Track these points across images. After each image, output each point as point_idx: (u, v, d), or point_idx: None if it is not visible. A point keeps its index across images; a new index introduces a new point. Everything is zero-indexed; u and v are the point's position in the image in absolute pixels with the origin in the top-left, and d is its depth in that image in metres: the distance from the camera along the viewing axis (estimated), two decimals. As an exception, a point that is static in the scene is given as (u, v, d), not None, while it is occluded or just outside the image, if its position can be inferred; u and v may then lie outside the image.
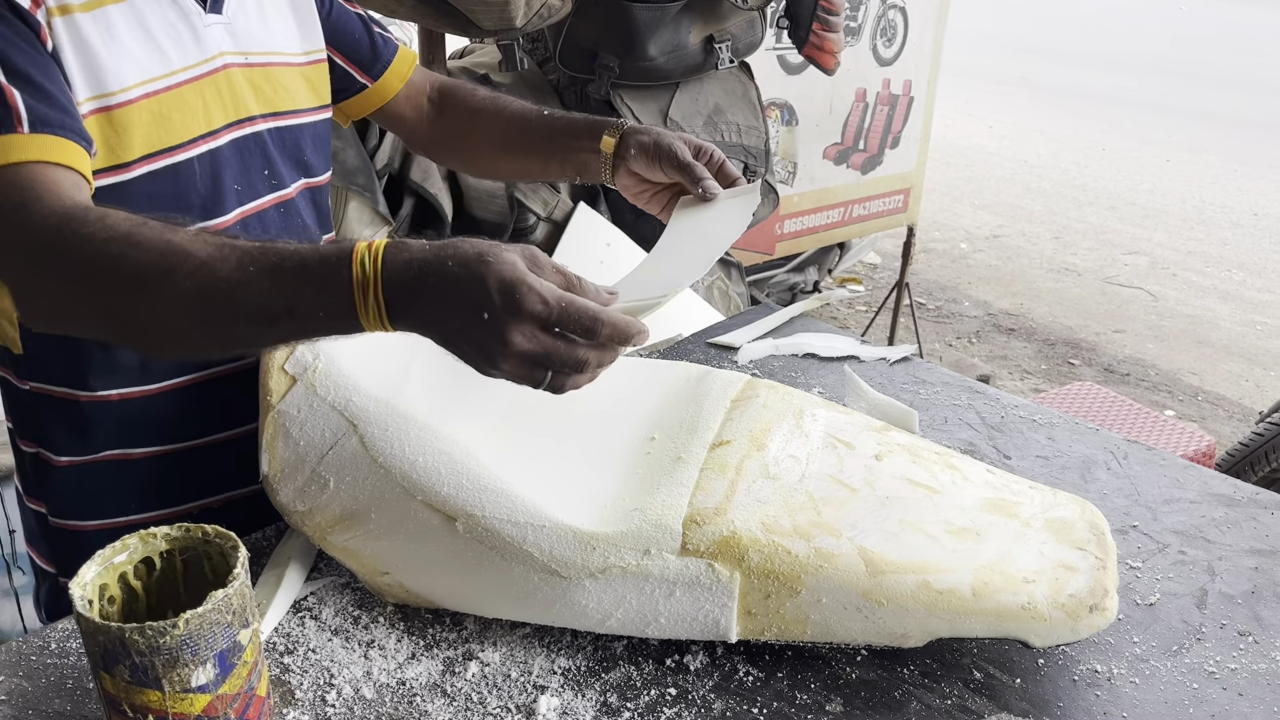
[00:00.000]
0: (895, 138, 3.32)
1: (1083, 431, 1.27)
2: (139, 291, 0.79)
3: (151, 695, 0.73)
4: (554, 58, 2.04)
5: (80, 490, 1.06)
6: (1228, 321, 4.41)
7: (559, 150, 1.18)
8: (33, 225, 0.81)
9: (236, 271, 0.76)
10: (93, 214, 0.81)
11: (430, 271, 0.74)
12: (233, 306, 0.77)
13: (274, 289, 0.76)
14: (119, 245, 0.78)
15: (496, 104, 1.27)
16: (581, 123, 1.17)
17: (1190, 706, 0.85)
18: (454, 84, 1.32)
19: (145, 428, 1.06)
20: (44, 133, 0.85)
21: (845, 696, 0.86)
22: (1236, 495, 1.14)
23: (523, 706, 0.85)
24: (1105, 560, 0.91)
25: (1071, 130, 7.51)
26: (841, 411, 1.09)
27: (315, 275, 0.75)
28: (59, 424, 1.05)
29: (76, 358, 1.01)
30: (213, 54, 1.01)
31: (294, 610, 0.95)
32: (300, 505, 0.96)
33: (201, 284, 0.76)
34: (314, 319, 0.77)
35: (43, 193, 0.82)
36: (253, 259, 0.76)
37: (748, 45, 2.15)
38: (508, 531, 0.90)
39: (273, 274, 0.76)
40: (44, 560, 1.13)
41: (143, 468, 1.07)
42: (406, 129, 1.32)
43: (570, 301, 0.74)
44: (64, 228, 0.80)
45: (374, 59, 1.24)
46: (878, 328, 3.94)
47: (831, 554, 0.88)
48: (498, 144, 1.26)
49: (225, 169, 1.03)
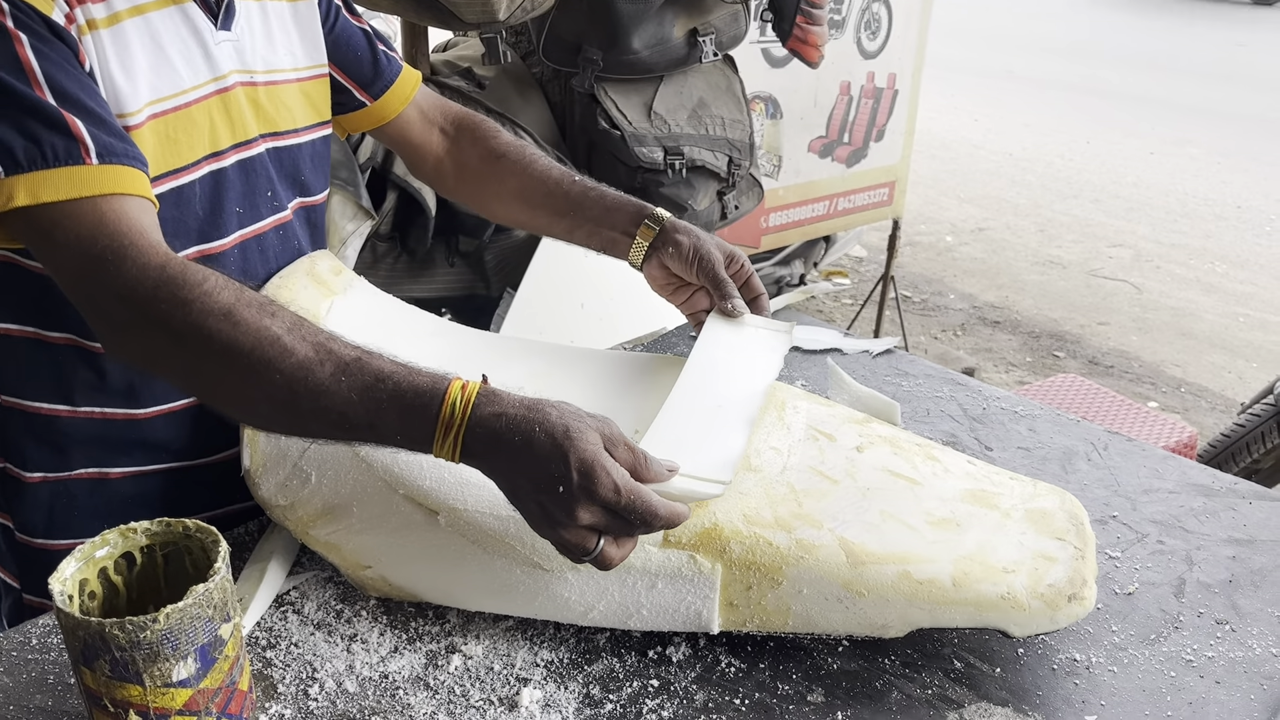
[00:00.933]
0: (880, 131, 3.32)
1: (1063, 423, 1.28)
2: (230, 371, 0.81)
3: (132, 690, 0.73)
4: (537, 51, 2.04)
5: (50, 508, 1.04)
6: (1211, 314, 4.43)
7: (588, 223, 1.17)
8: (130, 279, 0.81)
9: (330, 380, 0.79)
10: (191, 276, 0.81)
11: (516, 431, 0.78)
12: (318, 409, 0.80)
13: (361, 404, 0.79)
14: (217, 322, 0.80)
15: (522, 155, 1.23)
16: (616, 202, 1.16)
17: (1168, 694, 0.86)
18: (472, 121, 1.28)
19: (127, 448, 1.03)
20: (112, 162, 0.84)
21: (827, 687, 0.87)
22: (1215, 485, 1.15)
23: (505, 699, 0.85)
24: (1084, 550, 0.92)
25: (1056, 123, 7.52)
26: (823, 404, 1.10)
27: (404, 402, 0.79)
28: (32, 439, 1.02)
29: (62, 376, 0.99)
30: (223, 72, 0.99)
31: (276, 604, 0.95)
32: (282, 500, 0.96)
33: (292, 382, 0.79)
34: (390, 438, 0.80)
35: (136, 239, 0.82)
36: (348, 371, 0.79)
37: (732, 38, 2.15)
38: (490, 525, 0.90)
39: (365, 391, 0.79)
40: (8, 575, 1.10)
41: (119, 487, 1.04)
42: (410, 153, 1.29)
43: (637, 494, 0.78)
44: (162, 288, 0.81)
45: (375, 77, 1.21)
46: (863, 321, 3.95)
47: (813, 545, 0.88)
48: (520, 197, 1.23)
49: (228, 191, 1.01)
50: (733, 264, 1.12)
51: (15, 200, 0.81)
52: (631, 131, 1.97)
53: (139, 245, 0.82)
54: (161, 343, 0.82)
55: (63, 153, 0.82)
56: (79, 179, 0.82)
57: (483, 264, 2.08)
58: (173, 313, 0.80)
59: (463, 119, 1.28)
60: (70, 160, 0.82)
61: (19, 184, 0.81)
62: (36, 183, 0.81)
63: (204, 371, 0.83)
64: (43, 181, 0.82)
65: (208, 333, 0.80)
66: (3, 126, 0.81)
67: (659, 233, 1.13)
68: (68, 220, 0.82)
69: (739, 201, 2.19)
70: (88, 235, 0.82)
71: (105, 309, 0.83)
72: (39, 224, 0.83)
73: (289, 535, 1.00)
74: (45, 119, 0.82)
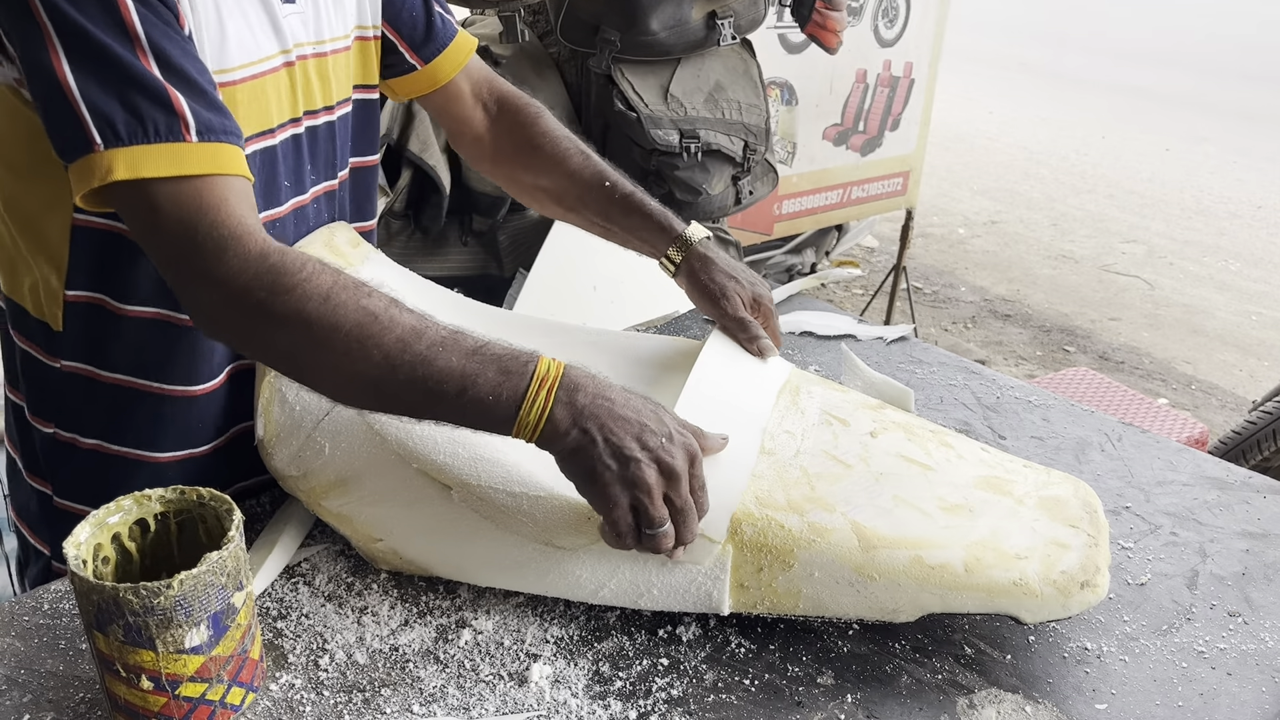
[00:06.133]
0: (895, 120, 3.30)
1: (1077, 413, 1.27)
2: (329, 351, 0.82)
3: (145, 655, 0.73)
4: (555, 31, 2.03)
5: (101, 477, 1.02)
6: (1223, 311, 4.41)
7: (618, 232, 1.20)
8: (232, 269, 0.81)
9: (428, 350, 0.82)
10: (290, 264, 0.82)
11: (610, 387, 0.85)
12: (414, 380, 0.82)
13: (460, 370, 0.82)
14: (318, 305, 0.82)
15: (557, 150, 1.22)
16: (644, 219, 1.17)
17: (1179, 685, 0.86)
18: (516, 103, 1.25)
19: (179, 427, 1.02)
20: (211, 140, 0.83)
21: (836, 669, 0.86)
22: (1229, 479, 1.15)
23: (515, 674, 0.85)
24: (1097, 538, 0.91)
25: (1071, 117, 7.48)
26: (837, 389, 1.09)
27: (503, 364, 0.83)
28: (91, 408, 1.00)
29: (137, 349, 0.98)
30: (289, 45, 0.98)
31: (287, 575, 0.95)
32: (295, 470, 0.96)
33: (391, 356, 0.82)
34: (477, 403, 0.82)
35: (236, 227, 0.82)
36: (445, 344, 0.83)
37: (750, 22, 2.13)
38: (503, 501, 0.90)
39: (465, 357, 0.82)
40: (39, 541, 1.09)
41: (163, 469, 1.03)
42: (453, 125, 1.26)
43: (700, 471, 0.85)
44: (264, 277, 0.81)
45: (427, 39, 1.17)
46: (874, 311, 3.94)
47: (825, 528, 0.88)
48: (552, 196, 1.23)
49: (280, 164, 1.00)
50: (757, 306, 1.13)
51: (114, 174, 0.80)
52: (648, 114, 1.96)
53: (239, 233, 0.82)
54: (260, 327, 0.83)
55: (164, 128, 0.81)
56: (179, 157, 0.81)
57: (496, 244, 2.08)
58: (273, 300, 0.81)
59: (506, 99, 1.25)
60: (171, 137, 0.81)
61: (118, 157, 0.80)
62: (136, 158, 0.80)
63: (301, 353, 0.84)
64: (143, 157, 0.80)
65: (308, 317, 0.81)
66: (104, 96, 0.80)
67: (681, 262, 1.15)
68: (168, 202, 0.81)
69: (753, 187, 2.18)
70: (189, 220, 0.81)
71: (203, 295, 0.83)
72: (138, 201, 0.82)
73: (303, 509, 1.00)
74: (148, 91, 0.81)
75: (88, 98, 0.79)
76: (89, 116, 0.79)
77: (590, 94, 2.04)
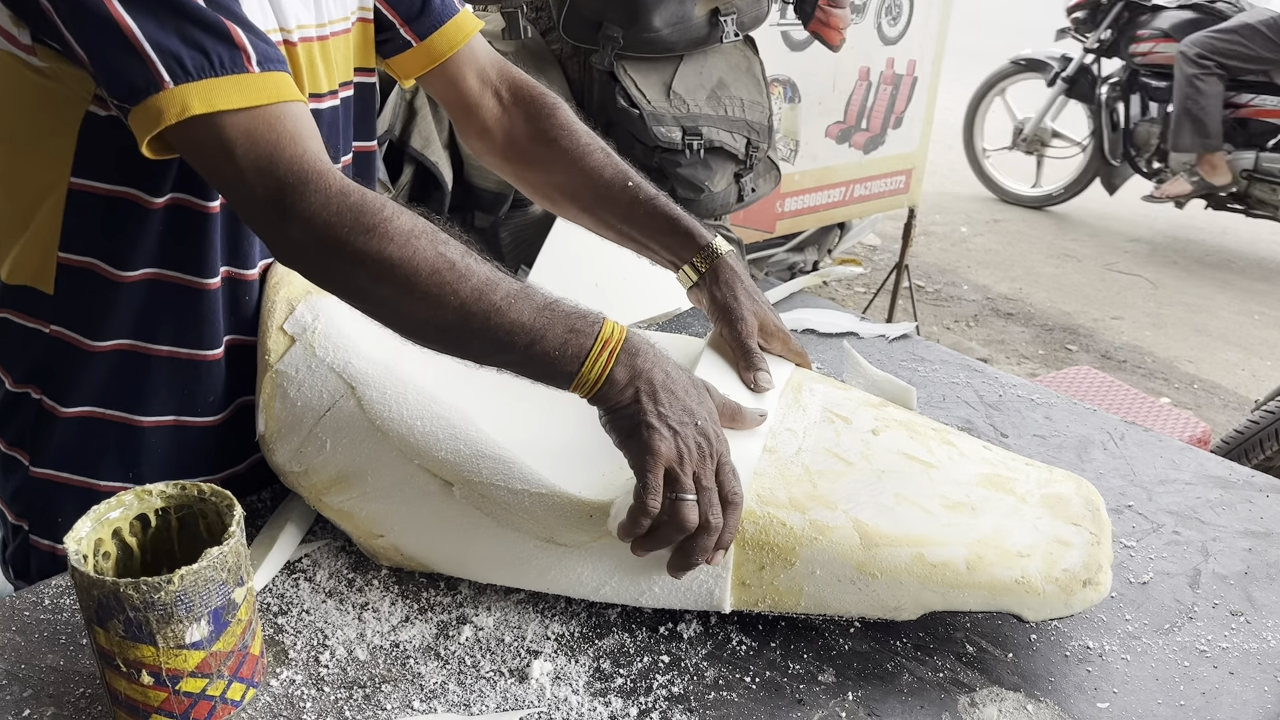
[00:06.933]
0: (898, 118, 3.30)
1: (1080, 412, 1.27)
2: (407, 295, 0.84)
3: (145, 650, 0.73)
4: (557, 27, 2.03)
5: (82, 445, 1.01)
6: (1226, 310, 4.40)
7: (633, 242, 1.16)
8: (315, 205, 0.82)
9: (503, 301, 0.84)
10: (371, 203, 0.83)
11: (665, 357, 0.89)
12: (487, 328, 0.84)
13: (531, 322, 0.84)
14: (398, 249, 0.83)
15: (575, 145, 1.16)
16: (665, 224, 1.13)
17: (1181, 684, 0.85)
18: (530, 92, 1.19)
19: (180, 395, 1.01)
20: (271, 69, 0.83)
21: (838, 667, 0.86)
22: (1232, 477, 1.15)
23: (516, 670, 0.85)
24: (1100, 536, 0.91)
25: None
26: (839, 387, 1.09)
27: (571, 322, 0.85)
28: (77, 371, 0.98)
29: (134, 313, 0.97)
30: (291, 25, 0.97)
31: (288, 571, 0.95)
32: (296, 466, 0.96)
33: (467, 303, 0.84)
34: (542, 357, 0.85)
35: (314, 163, 0.83)
36: (519, 296, 0.85)
37: (753, 19, 2.13)
38: (504, 497, 0.90)
39: (537, 312, 0.85)
40: (13, 515, 1.06)
41: (156, 435, 1.02)
42: (460, 114, 1.20)
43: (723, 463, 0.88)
44: (346, 214, 0.82)
45: (423, 13, 1.12)
46: (876, 309, 3.94)
47: (826, 526, 0.88)
48: (567, 194, 1.18)
49: None
50: (773, 334, 1.10)
51: (190, 109, 0.79)
52: (650, 111, 1.96)
53: (320, 169, 0.83)
54: (340, 264, 0.84)
55: (228, 61, 0.81)
56: (248, 87, 0.81)
57: (498, 241, 2.07)
58: (354, 239, 0.82)
59: (521, 88, 1.19)
60: (235, 69, 0.81)
61: (192, 92, 0.79)
62: (210, 90, 0.80)
63: (379, 293, 0.85)
64: (216, 89, 0.80)
65: (388, 258, 0.82)
66: (165, 34, 0.79)
67: (700, 277, 1.12)
68: (244, 136, 0.81)
69: (756, 184, 2.18)
70: (267, 154, 0.81)
71: (286, 229, 0.84)
72: (213, 136, 0.81)
73: (304, 505, 1.00)
74: (206, 25, 0.80)
75: (150, 36, 0.79)
76: (154, 55, 0.79)
77: (593, 91, 2.04)
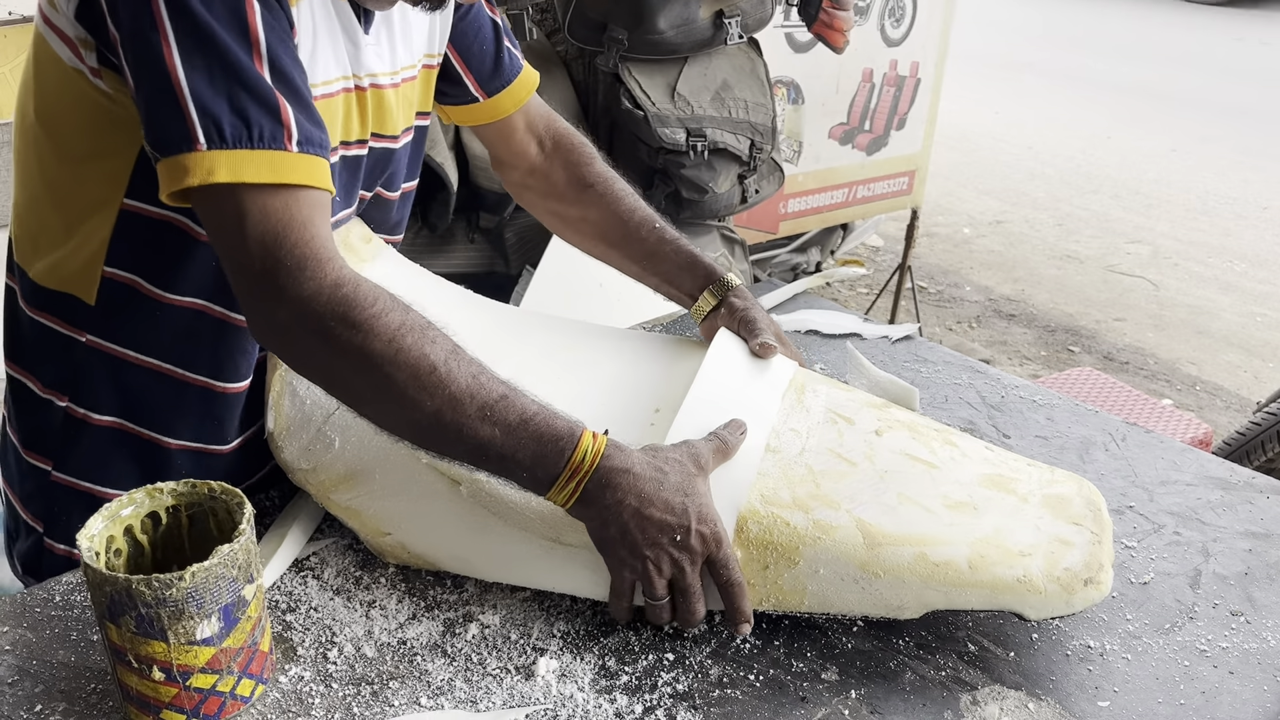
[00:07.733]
0: (901, 119, 3.30)
1: (1082, 413, 1.28)
2: (384, 394, 0.84)
3: (157, 646, 0.74)
4: (562, 29, 2.03)
5: (109, 454, 1.02)
6: (1228, 312, 4.40)
7: (656, 276, 1.22)
8: (306, 292, 0.82)
9: (476, 415, 0.84)
10: (363, 298, 0.83)
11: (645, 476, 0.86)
12: (460, 438, 0.85)
13: (502, 440, 0.84)
14: (382, 346, 0.82)
15: (609, 190, 1.23)
16: (687, 261, 1.20)
17: (1181, 683, 0.86)
18: (570, 141, 1.26)
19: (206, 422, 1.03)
20: (309, 152, 0.83)
21: (840, 666, 0.87)
22: (1233, 479, 1.15)
23: (522, 668, 0.85)
24: (1101, 535, 0.92)
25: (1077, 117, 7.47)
26: (842, 388, 1.10)
27: (542, 446, 0.85)
28: (112, 384, 1.00)
29: (172, 337, 0.98)
30: (362, 73, 0.98)
31: (296, 569, 0.96)
32: (304, 463, 0.97)
33: (440, 412, 0.84)
34: (515, 473, 0.86)
35: (318, 249, 0.82)
36: (494, 409, 0.84)
37: (757, 21, 2.13)
38: (511, 497, 0.91)
39: (508, 430, 0.84)
40: (32, 517, 1.08)
41: (179, 457, 1.03)
42: (504, 157, 1.27)
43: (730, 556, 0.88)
44: (335, 307, 0.82)
45: (494, 73, 1.17)
46: (878, 310, 3.94)
47: (830, 526, 0.89)
48: (598, 233, 1.25)
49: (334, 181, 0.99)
50: (780, 342, 1.14)
51: (215, 176, 0.79)
52: (655, 112, 1.97)
53: (321, 257, 0.82)
54: (322, 354, 0.84)
55: (268, 136, 0.81)
56: (279, 164, 0.81)
57: (503, 241, 2.08)
58: (341, 331, 0.82)
59: (562, 137, 1.26)
60: (273, 144, 0.81)
61: (220, 160, 0.79)
62: (239, 162, 0.80)
63: (357, 388, 0.86)
64: (245, 161, 0.80)
65: (371, 355, 0.83)
66: (213, 95, 0.79)
67: (720, 300, 1.17)
68: (258, 210, 0.81)
69: (759, 185, 2.18)
70: (274, 233, 0.81)
71: (273, 309, 0.83)
72: (229, 205, 0.81)
73: (312, 503, 1.01)
74: (258, 96, 0.81)
75: (197, 95, 0.79)
76: (195, 115, 0.79)
77: (597, 92, 2.05)
